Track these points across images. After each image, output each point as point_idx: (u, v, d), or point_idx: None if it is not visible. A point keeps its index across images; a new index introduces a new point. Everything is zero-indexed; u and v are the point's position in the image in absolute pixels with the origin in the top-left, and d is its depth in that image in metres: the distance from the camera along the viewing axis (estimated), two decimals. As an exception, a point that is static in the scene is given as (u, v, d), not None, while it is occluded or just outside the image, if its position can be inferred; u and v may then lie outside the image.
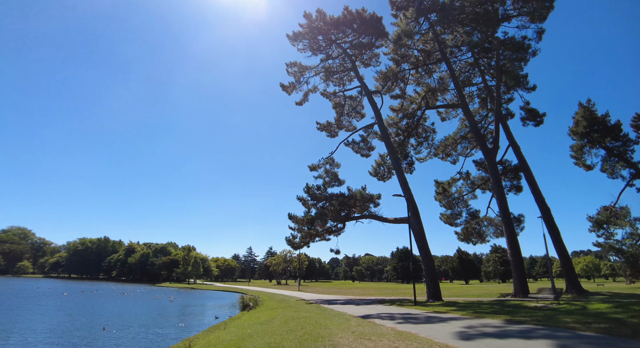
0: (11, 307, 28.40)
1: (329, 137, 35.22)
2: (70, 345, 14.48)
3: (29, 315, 24.03)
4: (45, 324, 20.28)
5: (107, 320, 22.13)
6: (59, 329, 18.64)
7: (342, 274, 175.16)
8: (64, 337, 16.35)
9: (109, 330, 18.36)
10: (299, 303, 25.11)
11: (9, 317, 22.91)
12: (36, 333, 17.35)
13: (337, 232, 30.59)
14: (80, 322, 21.45)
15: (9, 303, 32.04)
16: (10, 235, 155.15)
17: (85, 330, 18.35)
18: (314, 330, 11.63)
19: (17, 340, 15.49)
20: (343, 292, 48.45)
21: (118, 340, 15.84)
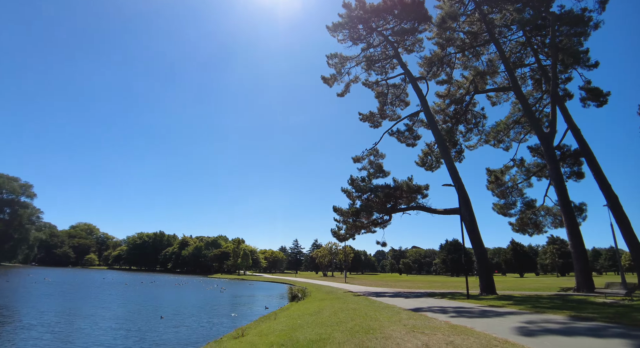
0: (83, 296, 31.01)
1: (372, 128, 34.63)
2: (134, 331, 15.46)
3: (97, 303, 26.07)
4: (111, 311, 21.87)
5: (164, 309, 23.45)
6: (123, 316, 20.02)
7: (388, 267, 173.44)
8: (128, 324, 17.53)
9: (167, 318, 19.39)
10: (347, 295, 25.10)
11: (82, 304, 25.08)
12: (104, 319, 18.74)
13: (383, 224, 30.12)
14: (141, 310, 22.89)
15: (82, 291, 35.02)
16: (78, 231, 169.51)
17: (145, 318, 19.53)
18: (364, 322, 11.50)
19: (90, 325, 16.87)
20: (390, 284, 47.88)
21: (176, 328, 16.68)
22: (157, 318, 19.22)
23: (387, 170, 31.60)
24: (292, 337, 10.15)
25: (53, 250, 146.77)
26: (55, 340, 13.25)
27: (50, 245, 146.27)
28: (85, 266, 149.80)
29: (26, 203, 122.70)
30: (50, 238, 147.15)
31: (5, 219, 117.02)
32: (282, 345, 9.29)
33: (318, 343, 8.94)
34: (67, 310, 21.40)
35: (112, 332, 15.32)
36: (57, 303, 24.78)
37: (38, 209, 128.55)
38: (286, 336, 10.41)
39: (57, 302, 25.59)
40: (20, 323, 16.68)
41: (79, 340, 13.45)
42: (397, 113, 34.75)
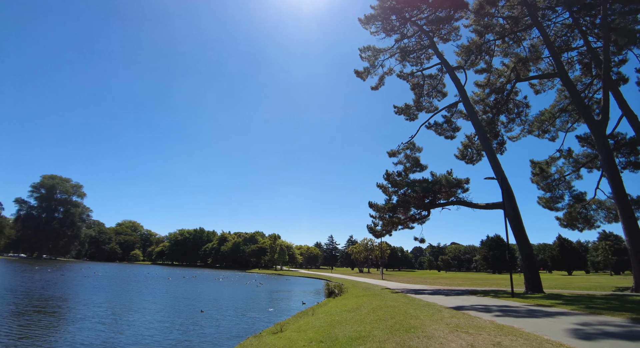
0: (130, 289, 32.66)
1: (408, 121, 33.75)
2: (178, 325, 16.00)
3: (144, 296, 27.33)
4: (156, 305, 22.81)
5: (205, 303, 24.15)
6: (167, 310, 20.80)
7: (426, 263, 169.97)
8: (172, 317, 18.19)
9: (208, 312, 19.90)
10: (384, 292, 24.70)
11: (130, 297, 26.42)
12: (151, 312, 19.57)
13: (421, 220, 29.35)
14: (184, 304, 23.70)
15: (129, 285, 36.87)
16: (124, 228, 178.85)
17: (188, 311, 20.15)
18: (404, 320, 11.17)
19: (137, 317, 17.71)
20: (429, 281, 46.80)
21: (218, 322, 17.11)
22: (199, 312, 19.78)
23: (424, 164, 30.72)
24: (330, 333, 10.02)
25: (102, 246, 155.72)
26: (107, 331, 13.93)
27: (99, 242, 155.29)
28: (130, 261, 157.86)
29: (77, 203, 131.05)
30: (99, 235, 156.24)
31: (59, 218, 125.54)
32: (320, 341, 9.18)
33: (357, 341, 8.75)
34: (116, 303, 22.56)
35: (158, 325, 15.93)
36: (107, 296, 26.19)
37: (88, 208, 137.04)
38: (325, 333, 10.30)
39: (107, 294, 27.04)
40: (75, 315, 17.74)
41: (128, 332, 14.08)
42: (434, 104, 33.66)
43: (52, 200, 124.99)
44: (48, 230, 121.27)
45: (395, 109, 33.58)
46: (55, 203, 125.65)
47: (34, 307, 19.45)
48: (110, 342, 12.27)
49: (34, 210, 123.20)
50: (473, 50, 31.50)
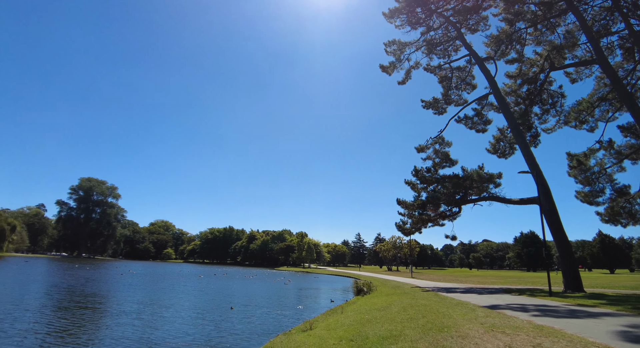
0: (164, 286, 33.76)
1: (437, 115, 32.85)
2: (210, 321, 16.35)
3: (177, 293, 28.10)
4: (189, 302, 23.36)
5: (236, 300, 24.50)
6: (199, 306, 21.24)
7: (457, 261, 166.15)
8: (204, 313, 18.60)
9: (238, 309, 20.15)
10: (415, 291, 24.21)
11: (164, 294, 27.24)
12: (184, 308, 20.05)
13: (452, 217, 28.55)
14: (215, 301, 24.16)
15: (162, 283, 38.07)
16: (157, 227, 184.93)
17: (219, 308, 20.49)
18: (436, 319, 10.83)
19: (172, 313, 18.19)
20: (460, 280, 45.62)
21: (248, 318, 17.32)
22: (230, 309, 20.08)
23: (454, 159, 29.84)
24: (361, 332, 9.83)
25: (136, 245, 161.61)
26: (143, 326, 14.36)
27: (133, 241, 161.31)
28: (163, 260, 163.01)
29: (113, 204, 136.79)
30: (133, 234, 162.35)
31: (96, 218, 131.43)
32: (351, 340, 9.01)
33: (389, 340, 8.52)
34: (151, 300, 23.28)
35: (192, 321, 16.31)
36: (142, 293, 27.07)
37: (123, 208, 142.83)
38: (355, 331, 10.12)
39: (143, 291, 27.96)
40: (113, 310, 18.40)
41: (164, 327, 14.46)
42: (464, 97, 32.56)
43: (89, 202, 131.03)
44: (86, 230, 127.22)
45: (423, 103, 32.78)
46: (92, 204, 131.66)
47: (75, 302, 20.43)
48: (147, 337, 12.62)
49: (73, 212, 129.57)
50: (503, 40, 30.24)
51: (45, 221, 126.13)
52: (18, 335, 12.04)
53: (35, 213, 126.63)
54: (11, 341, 11.37)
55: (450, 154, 30.56)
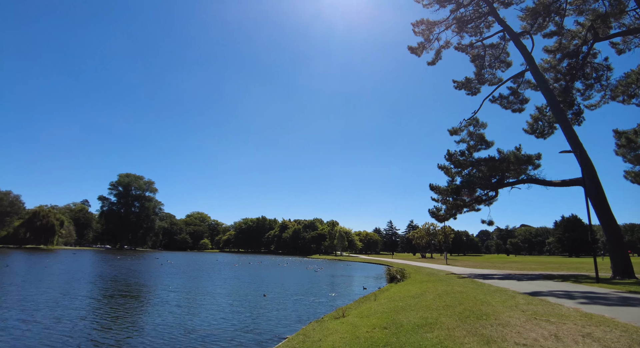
0: (201, 275, 34.98)
1: (470, 95, 31.42)
2: (246, 308, 16.76)
3: (213, 281, 29.00)
4: (226, 289, 24.04)
5: (270, 288, 24.92)
6: (236, 294, 21.77)
7: (493, 247, 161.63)
8: (241, 301, 19.02)
9: (272, 296, 20.42)
10: (450, 277, 23.60)
11: (201, 282, 28.13)
12: (221, 296, 20.65)
13: (488, 201, 27.48)
14: (251, 288, 24.70)
15: (200, 272, 39.47)
16: (193, 219, 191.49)
17: (254, 295, 20.90)
18: (474, 306, 10.39)
19: (210, 301, 18.71)
20: (497, 266, 44.22)
21: (282, 305, 17.63)
22: (263, 296, 20.37)
23: (490, 141, 28.50)
24: (394, 320, 9.58)
25: (174, 236, 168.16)
26: (186, 314, 14.86)
27: (171, 232, 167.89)
28: (200, 250, 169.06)
29: (150, 198, 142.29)
30: (171, 226, 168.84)
31: (136, 212, 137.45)
32: (384, 328, 8.78)
33: (424, 328, 8.22)
34: (189, 288, 24.11)
35: (229, 307, 16.73)
36: (181, 281, 28.06)
37: (160, 202, 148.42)
38: (388, 319, 9.88)
39: (181, 280, 28.99)
40: (154, 298, 19.19)
41: (202, 314, 14.88)
42: (498, 76, 30.90)
43: (128, 196, 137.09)
44: (127, 223, 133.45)
45: (455, 83, 31.41)
46: (131, 199, 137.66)
47: (119, 291, 21.45)
48: (186, 323, 13.02)
49: (114, 206, 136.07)
50: (540, 12, 28.27)
51: (89, 216, 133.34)
52: (69, 322, 12.80)
53: (80, 208, 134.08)
54: (63, 326, 12.09)
55: (485, 135, 29.26)
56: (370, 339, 7.87)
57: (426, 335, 7.50)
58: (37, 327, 11.90)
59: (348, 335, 8.47)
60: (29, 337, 10.68)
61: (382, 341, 7.57)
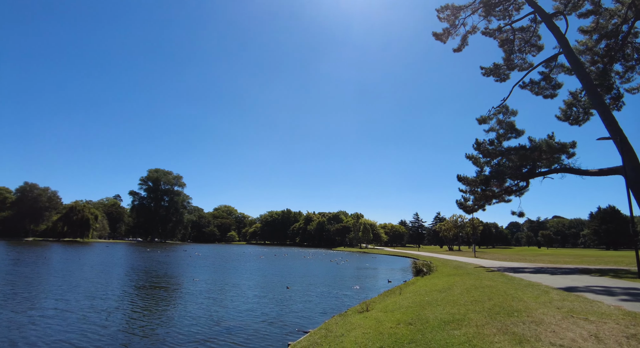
0: (229, 267, 35.74)
1: (498, 82, 30.04)
2: (272, 300, 16.87)
3: (241, 273, 29.49)
4: (251, 281, 24.44)
5: (295, 280, 25.02)
6: (261, 286, 22.00)
7: (524, 239, 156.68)
8: (266, 292, 19.18)
9: (298, 288, 20.48)
10: (478, 271, 22.88)
11: (229, 274, 28.62)
12: (249, 288, 20.90)
13: (519, 192, 26.35)
14: (276, 280, 24.98)
15: (227, 263, 40.43)
16: (220, 212, 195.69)
17: (281, 287, 21.11)
18: (504, 302, 9.90)
19: (238, 292, 18.99)
20: (528, 259, 42.71)
21: (306, 297, 17.65)
22: (289, 288, 20.43)
23: (520, 129, 27.19)
24: (420, 315, 9.24)
25: (202, 229, 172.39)
26: (213, 305, 15.11)
27: (200, 225, 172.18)
28: (228, 242, 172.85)
29: (179, 192, 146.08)
30: (199, 219, 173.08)
31: (165, 206, 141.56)
32: (409, 323, 8.47)
33: (451, 324, 7.86)
34: (217, 280, 24.54)
35: (256, 299, 16.93)
36: (209, 273, 28.64)
37: (188, 196, 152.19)
38: (414, 314, 9.55)
39: (210, 272, 29.61)
40: (184, 290, 19.59)
41: (231, 305, 15.12)
42: (528, 61, 29.32)
43: (158, 191, 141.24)
44: (157, 217, 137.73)
45: (483, 70, 30.09)
46: (160, 193, 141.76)
47: (150, 282, 22.15)
48: (214, 314, 13.24)
49: (144, 200, 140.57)
50: (575, -10, 26.58)
51: (121, 210, 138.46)
52: (105, 311, 13.30)
53: (112, 203, 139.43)
54: (99, 316, 12.58)
55: (515, 123, 27.95)
56: (394, 335, 7.60)
57: (453, 332, 7.15)
58: (73, 316, 12.38)
59: (371, 330, 8.22)
60: (65, 326, 11.06)
61: (407, 338, 7.28)
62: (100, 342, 9.63)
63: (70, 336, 10.09)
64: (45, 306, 13.97)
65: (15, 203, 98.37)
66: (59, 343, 9.41)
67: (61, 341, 9.62)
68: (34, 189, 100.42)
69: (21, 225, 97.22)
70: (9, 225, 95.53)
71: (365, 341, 7.41)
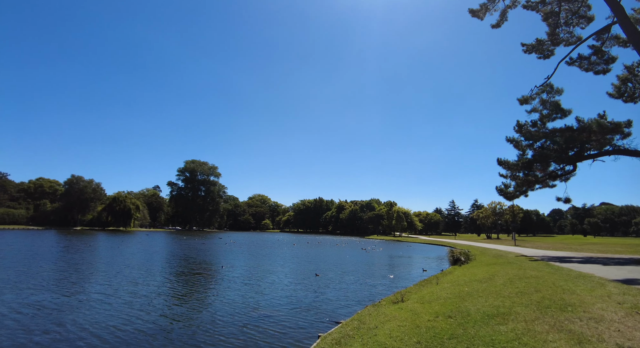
0: (264, 254, 36.50)
1: (542, 59, 27.81)
2: (305, 286, 16.80)
3: (274, 260, 29.80)
4: (285, 268, 24.62)
5: (327, 267, 25.02)
6: (295, 273, 22.08)
7: (568, 227, 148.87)
8: (301, 279, 19.18)
9: (329, 277, 20.23)
10: (521, 260, 21.61)
11: (263, 261, 28.96)
12: (285, 275, 20.91)
13: (565, 176, 24.58)
14: (310, 268, 24.98)
15: (262, 250, 41.24)
16: (254, 201, 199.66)
17: (313, 275, 20.97)
18: (554, 294, 9.04)
19: (273, 279, 19.15)
20: (574, 248, 40.24)
21: (340, 285, 17.41)
22: (323, 276, 20.38)
23: (566, 109, 25.16)
24: (460, 307, 8.60)
25: (238, 217, 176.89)
26: (250, 292, 15.20)
27: (235, 214, 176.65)
28: (262, 230, 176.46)
29: (214, 182, 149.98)
30: (234, 208, 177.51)
31: (202, 195, 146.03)
32: (449, 316, 7.87)
33: (496, 318, 7.20)
34: (252, 266, 24.89)
35: (292, 286, 16.93)
36: (245, 260, 29.15)
37: (223, 186, 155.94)
38: (453, 306, 8.91)
39: (245, 259, 30.15)
40: (222, 276, 19.88)
41: (268, 292, 15.16)
42: (576, 34, 26.84)
43: (194, 181, 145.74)
44: (194, 206, 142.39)
45: (524, 47, 27.94)
46: (197, 183, 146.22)
47: (190, 269, 22.75)
48: (251, 300, 13.40)
49: (182, 191, 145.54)
50: (632, -47, 23.92)
51: (161, 200, 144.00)
52: (147, 297, 13.73)
53: (152, 193, 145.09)
54: (142, 301, 12.96)
55: (560, 103, 25.81)
56: (433, 329, 7.04)
57: (499, 328, 6.50)
58: (117, 301, 12.81)
59: (407, 323, 7.70)
60: (110, 311, 11.43)
61: (447, 332, 6.71)
62: (143, 326, 9.82)
63: (116, 320, 10.35)
64: (92, 290, 14.61)
65: (64, 195, 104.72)
66: (105, 328, 9.64)
67: (107, 325, 9.87)
68: (80, 181, 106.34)
69: (70, 215, 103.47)
70: (59, 216, 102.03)
71: (401, 335, 6.90)
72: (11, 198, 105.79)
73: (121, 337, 8.93)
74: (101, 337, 8.86)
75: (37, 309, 11.35)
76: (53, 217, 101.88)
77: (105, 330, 9.38)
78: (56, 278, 17.45)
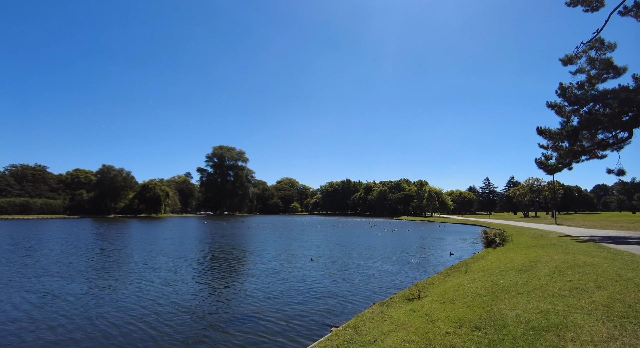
0: (292, 236, 36.37)
1: (589, 12, 23.79)
2: (331, 274, 15.43)
3: (302, 243, 29.10)
4: (311, 251, 23.91)
5: (357, 251, 23.74)
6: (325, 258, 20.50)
7: (613, 204, 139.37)
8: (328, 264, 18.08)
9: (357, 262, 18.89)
10: (565, 241, 18.76)
11: (292, 244, 28.38)
12: (312, 264, 19.10)
13: (618, 145, 21.18)
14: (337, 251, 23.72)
15: (290, 233, 40.64)
16: (283, 185, 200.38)
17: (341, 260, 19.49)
18: (626, 293, 6.65)
19: (299, 264, 18.06)
20: (625, 226, 36.22)
21: (365, 270, 16.25)
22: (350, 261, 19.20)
23: (620, 67, 21.46)
24: (492, 311, 6.38)
25: (267, 201, 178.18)
26: (277, 278, 14.53)
27: (264, 198, 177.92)
28: (291, 213, 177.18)
29: (243, 167, 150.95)
30: (263, 192, 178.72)
31: (231, 180, 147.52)
32: (476, 327, 5.69)
33: (545, 335, 4.99)
34: (280, 251, 24.07)
35: (319, 272, 15.81)
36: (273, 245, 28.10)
37: (251, 170, 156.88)
38: (482, 308, 6.69)
39: (275, 243, 29.75)
40: (249, 261, 19.37)
41: (293, 280, 14.11)
42: (632, -25, 22.83)
43: (223, 167, 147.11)
44: (224, 191, 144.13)
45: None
46: (225, 168, 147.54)
47: (220, 253, 22.57)
48: (278, 287, 12.90)
49: (211, 176, 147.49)
50: None
51: (191, 186, 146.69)
52: (181, 281, 13.87)
53: (183, 180, 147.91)
54: (175, 286, 12.99)
55: (613, 60, 22.15)
56: (451, 350, 4.92)
57: (552, 354, 4.30)
58: (153, 287, 12.86)
59: (417, 337, 5.60)
60: (145, 296, 11.55)
61: (471, 358, 4.59)
62: (172, 312, 9.72)
63: (149, 306, 10.37)
64: (129, 279, 14.37)
65: (97, 184, 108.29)
66: (140, 312, 9.73)
67: (143, 309, 9.98)
68: (111, 171, 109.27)
69: (103, 204, 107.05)
70: (93, 204, 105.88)
71: (405, 358, 4.85)
72: (51, 190, 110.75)
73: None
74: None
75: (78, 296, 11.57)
76: (88, 206, 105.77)
77: (142, 312, 9.70)
78: (95, 267, 17.40)
